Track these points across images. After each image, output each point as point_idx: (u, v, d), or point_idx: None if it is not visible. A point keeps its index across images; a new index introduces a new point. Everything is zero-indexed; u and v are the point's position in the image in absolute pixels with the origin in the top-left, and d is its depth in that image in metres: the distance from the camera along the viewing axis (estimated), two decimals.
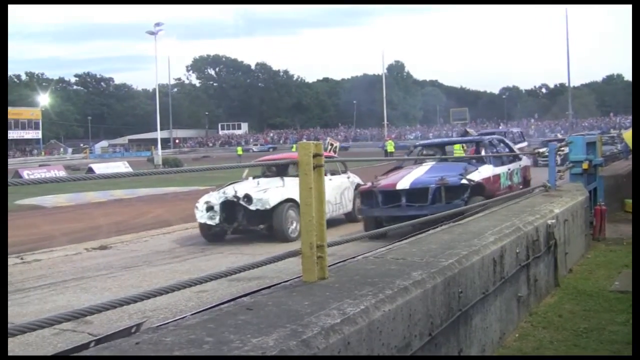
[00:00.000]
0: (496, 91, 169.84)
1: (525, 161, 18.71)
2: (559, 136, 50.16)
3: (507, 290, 7.18)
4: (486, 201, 11.46)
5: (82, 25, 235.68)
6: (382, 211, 14.74)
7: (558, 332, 7.33)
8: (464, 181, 14.17)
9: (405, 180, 14.85)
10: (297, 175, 5.00)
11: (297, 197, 14.68)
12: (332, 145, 22.52)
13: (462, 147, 37.70)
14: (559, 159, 34.18)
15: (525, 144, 39.12)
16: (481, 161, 16.10)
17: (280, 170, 17.89)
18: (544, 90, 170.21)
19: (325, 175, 15.49)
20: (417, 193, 14.37)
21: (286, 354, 3.32)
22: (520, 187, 16.70)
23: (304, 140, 5.24)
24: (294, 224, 15.50)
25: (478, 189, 14.35)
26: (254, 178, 17.67)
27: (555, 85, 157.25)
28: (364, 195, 15.55)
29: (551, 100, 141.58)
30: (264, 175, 18.04)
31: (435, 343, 5.09)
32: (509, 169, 16.78)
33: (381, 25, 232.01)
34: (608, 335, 7.12)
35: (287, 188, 15.86)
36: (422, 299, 4.90)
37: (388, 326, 4.33)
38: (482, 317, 6.31)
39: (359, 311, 4.10)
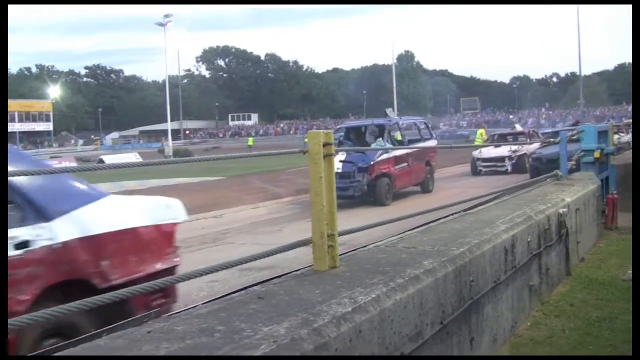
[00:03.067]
0: (507, 80, 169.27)
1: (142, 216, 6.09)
2: (518, 128, 41.73)
3: (518, 279, 7.17)
4: (506, 188, 11.34)
5: (92, 17, 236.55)
6: None
7: (570, 321, 7.31)
8: None
9: None
10: None
11: None
12: None
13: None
14: (509, 163, 29.48)
15: (431, 142, 25.15)
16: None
17: None
18: (554, 79, 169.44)
19: None
20: None
21: (297, 343, 3.32)
22: None
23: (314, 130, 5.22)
24: None
25: None
26: None
27: (566, 74, 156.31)
28: None
29: (562, 90, 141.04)
30: None
31: (447, 331, 5.09)
32: None
33: (391, 15, 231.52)
34: (621, 324, 7.09)
35: None
36: (434, 287, 4.89)
37: (399, 314, 4.33)
38: (493, 306, 6.30)
39: (370, 300, 4.10)
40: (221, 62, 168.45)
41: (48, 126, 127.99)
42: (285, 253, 5.26)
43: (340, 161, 19.49)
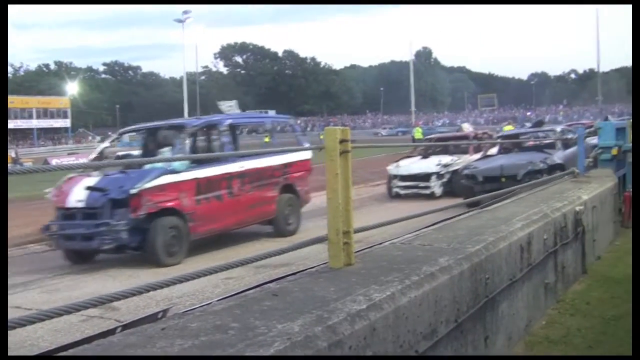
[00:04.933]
0: (524, 77, 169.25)
1: None
2: (466, 129, 28.94)
3: (534, 277, 7.15)
4: (515, 187, 11.28)
5: (110, 13, 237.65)
6: None
7: (586, 320, 7.28)
8: None
9: None
10: None
11: None
12: None
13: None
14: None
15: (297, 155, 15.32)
16: None
17: None
18: (573, 75, 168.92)
19: None
20: None
21: (311, 340, 3.33)
22: None
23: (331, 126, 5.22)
24: None
25: None
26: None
27: (585, 71, 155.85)
28: None
29: (580, 86, 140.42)
30: None
31: (462, 330, 5.08)
32: None
33: (408, 11, 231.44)
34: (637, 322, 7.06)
35: None
36: (449, 285, 4.88)
37: (414, 312, 4.33)
38: (509, 304, 6.28)
39: (385, 297, 4.10)
40: (239, 59, 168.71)
41: (66, 123, 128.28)
42: (300, 250, 5.28)
43: (88, 188, 12.09)
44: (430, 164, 20.73)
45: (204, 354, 3.09)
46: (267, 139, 20.37)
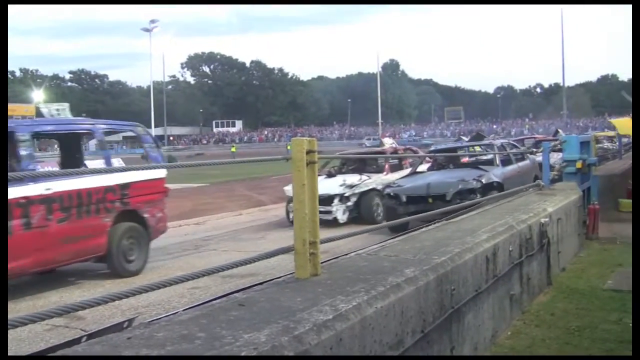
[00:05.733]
0: (491, 90, 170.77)
1: None
2: (386, 144, 23.52)
3: (499, 289, 7.18)
4: (480, 199, 11.35)
5: (77, 22, 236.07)
6: None
7: (550, 330, 7.33)
8: None
9: None
10: None
11: None
12: None
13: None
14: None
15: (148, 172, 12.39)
16: None
17: None
18: (538, 89, 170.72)
19: None
20: None
21: (278, 350, 3.32)
22: None
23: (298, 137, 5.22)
24: None
25: None
26: None
27: (550, 85, 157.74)
28: None
29: (546, 100, 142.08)
30: None
31: (428, 340, 5.09)
32: None
33: (376, 24, 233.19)
34: (601, 333, 7.13)
35: None
36: (415, 296, 4.89)
37: (380, 323, 4.33)
38: (474, 315, 6.31)
39: (351, 307, 4.10)
40: (206, 69, 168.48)
41: None
42: (267, 260, 5.26)
43: None
44: (333, 185, 17.46)
45: None
46: (233, 149, 18.33)
